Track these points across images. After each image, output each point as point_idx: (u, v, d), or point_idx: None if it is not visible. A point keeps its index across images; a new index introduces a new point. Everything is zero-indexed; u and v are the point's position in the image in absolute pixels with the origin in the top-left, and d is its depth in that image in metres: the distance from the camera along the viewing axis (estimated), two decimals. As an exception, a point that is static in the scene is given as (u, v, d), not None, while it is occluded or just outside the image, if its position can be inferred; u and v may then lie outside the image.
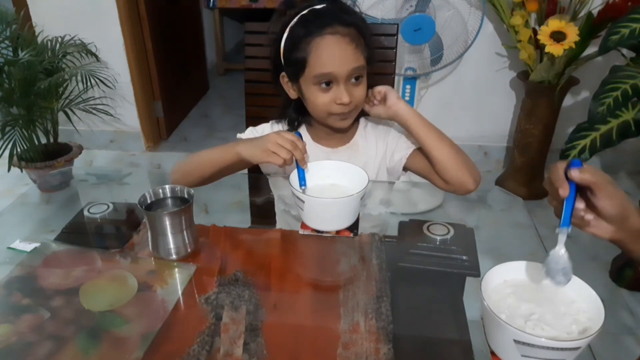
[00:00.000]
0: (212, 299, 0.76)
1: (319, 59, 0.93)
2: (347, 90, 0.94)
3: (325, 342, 0.69)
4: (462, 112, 2.54)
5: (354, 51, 0.93)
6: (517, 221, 1.02)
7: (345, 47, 0.92)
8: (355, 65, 0.93)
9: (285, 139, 0.90)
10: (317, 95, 0.96)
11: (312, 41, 0.92)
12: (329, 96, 0.95)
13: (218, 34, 3.95)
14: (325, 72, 0.93)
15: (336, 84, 0.94)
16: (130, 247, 0.91)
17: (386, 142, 1.07)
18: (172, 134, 3.08)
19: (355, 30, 0.94)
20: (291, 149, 0.89)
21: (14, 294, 0.78)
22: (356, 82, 0.96)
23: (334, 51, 0.92)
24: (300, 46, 0.93)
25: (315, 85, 0.95)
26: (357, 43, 0.93)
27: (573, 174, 0.62)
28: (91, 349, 0.68)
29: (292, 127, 1.08)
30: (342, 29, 0.92)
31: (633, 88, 1.59)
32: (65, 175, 1.39)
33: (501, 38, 2.31)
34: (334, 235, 0.92)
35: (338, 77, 0.93)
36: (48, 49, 2.24)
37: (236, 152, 0.95)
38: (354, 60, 0.93)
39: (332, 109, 0.97)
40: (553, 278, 0.63)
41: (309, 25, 0.93)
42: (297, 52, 0.94)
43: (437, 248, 0.88)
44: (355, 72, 0.94)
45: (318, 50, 0.92)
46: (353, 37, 0.93)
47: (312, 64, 0.93)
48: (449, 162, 0.96)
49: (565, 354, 0.57)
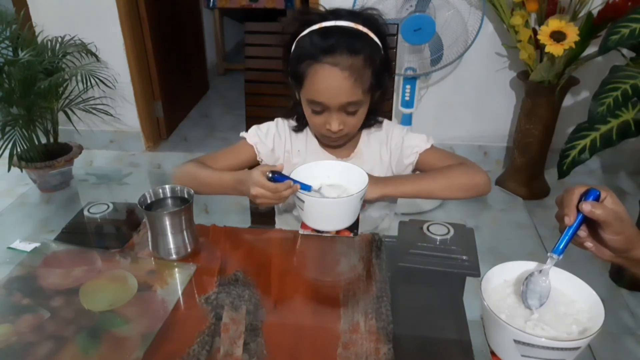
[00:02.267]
0: (212, 299, 0.76)
1: (313, 86, 0.91)
2: (338, 118, 0.93)
3: (325, 342, 0.69)
4: (462, 112, 2.54)
5: (351, 86, 0.88)
6: (517, 221, 1.02)
7: (342, 82, 0.88)
8: (349, 100, 0.90)
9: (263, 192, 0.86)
10: (309, 115, 0.96)
11: (311, 65, 0.89)
12: (321, 119, 0.94)
13: (218, 34, 3.95)
14: (317, 100, 0.91)
15: (328, 111, 0.93)
16: (130, 247, 0.91)
17: (389, 149, 1.05)
18: (172, 134, 3.08)
19: (362, 60, 0.89)
20: (274, 199, 0.86)
21: (14, 294, 0.78)
22: (350, 113, 0.93)
23: (328, 83, 0.89)
24: (301, 64, 0.91)
25: (308, 107, 0.95)
26: (358, 76, 0.88)
27: (584, 207, 0.62)
28: (91, 349, 0.68)
29: (300, 124, 1.06)
30: (346, 59, 0.87)
31: (633, 88, 1.59)
32: (65, 175, 1.39)
33: (501, 38, 2.31)
34: (334, 235, 0.92)
35: (330, 107, 0.91)
36: (48, 49, 2.24)
37: (235, 189, 0.93)
38: (348, 95, 0.89)
39: (323, 131, 0.96)
40: (526, 300, 0.64)
41: (312, 45, 0.90)
42: (298, 68, 0.91)
43: (437, 248, 0.88)
44: (348, 106, 0.91)
45: (313, 77, 0.90)
46: (354, 70, 0.88)
47: (306, 87, 0.92)
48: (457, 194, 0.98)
49: (565, 354, 0.57)
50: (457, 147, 2.57)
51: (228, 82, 3.98)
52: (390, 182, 0.97)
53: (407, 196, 0.99)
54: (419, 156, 1.02)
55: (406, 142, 1.03)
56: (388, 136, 1.05)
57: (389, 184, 0.96)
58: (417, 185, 0.97)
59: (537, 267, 0.67)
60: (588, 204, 0.62)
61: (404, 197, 1.00)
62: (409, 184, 0.98)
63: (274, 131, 1.05)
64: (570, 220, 0.63)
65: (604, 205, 0.62)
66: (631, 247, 0.64)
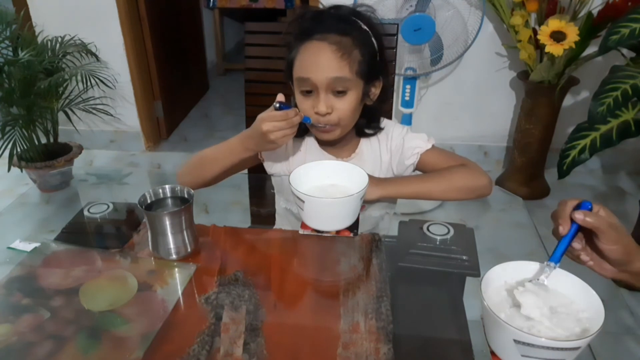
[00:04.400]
0: (212, 299, 0.76)
1: (301, 62, 0.92)
2: (326, 100, 0.92)
3: (325, 342, 0.69)
4: (462, 112, 2.54)
5: (337, 60, 0.89)
6: (517, 221, 1.02)
7: (329, 55, 0.89)
8: (336, 75, 0.89)
9: (275, 124, 0.87)
10: (300, 100, 0.96)
11: (300, 44, 0.92)
12: (309, 103, 0.94)
13: (218, 34, 3.95)
14: (304, 76, 0.91)
15: (316, 92, 0.92)
16: (130, 247, 0.91)
17: (390, 150, 1.05)
18: (172, 134, 3.08)
19: (351, 41, 0.90)
20: (287, 127, 0.88)
21: (14, 294, 0.78)
22: (339, 94, 0.92)
23: (315, 57, 0.90)
24: (292, 46, 0.93)
25: (297, 89, 0.95)
26: (345, 53, 0.89)
27: (577, 216, 0.63)
28: (91, 349, 0.68)
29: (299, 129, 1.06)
30: (334, 36, 0.90)
31: (633, 88, 1.59)
32: (65, 175, 1.39)
33: (501, 38, 2.31)
34: (334, 235, 0.92)
35: (317, 84, 0.91)
36: (48, 49, 2.25)
37: (244, 148, 0.95)
38: (335, 69, 0.89)
39: (312, 119, 0.94)
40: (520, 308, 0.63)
41: (302, 28, 0.93)
42: (289, 53, 0.94)
43: (437, 248, 0.87)
44: (336, 83, 0.90)
45: (301, 54, 0.92)
46: (342, 47, 0.89)
47: (296, 66, 0.93)
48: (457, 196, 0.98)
49: (565, 354, 0.57)
50: (457, 147, 2.57)
51: (228, 82, 3.99)
52: (390, 183, 0.97)
53: (407, 197, 0.99)
54: (420, 157, 1.02)
55: (407, 143, 1.03)
56: (388, 136, 1.05)
57: (389, 185, 0.96)
58: (417, 187, 0.97)
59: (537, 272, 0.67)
60: (581, 212, 0.63)
61: (404, 198, 1.00)
62: (409, 185, 0.98)
63: None
64: (564, 230, 0.64)
65: (596, 214, 0.63)
66: (631, 259, 0.65)
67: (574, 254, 0.67)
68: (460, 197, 0.98)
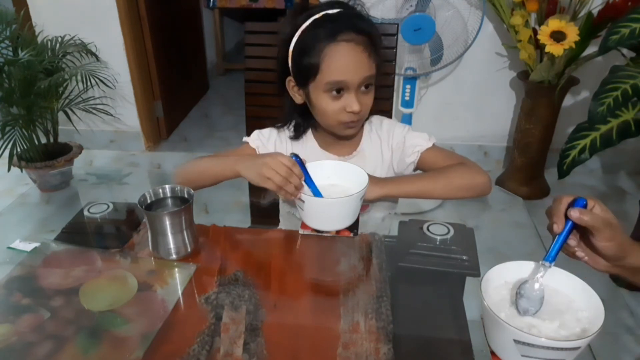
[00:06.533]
0: (212, 299, 0.76)
1: (333, 66, 0.91)
2: (357, 98, 0.93)
3: (325, 342, 0.69)
4: (462, 112, 2.54)
5: (367, 59, 0.92)
6: (517, 221, 1.02)
7: (360, 55, 0.91)
8: (368, 74, 0.93)
9: (279, 164, 0.85)
10: (327, 103, 0.95)
11: (326, 47, 0.90)
12: (340, 104, 0.94)
13: (218, 34, 3.95)
14: (339, 79, 0.92)
15: (347, 91, 0.93)
16: (130, 247, 0.91)
17: (391, 148, 1.06)
18: (172, 133, 3.08)
19: (368, 39, 0.92)
20: (286, 175, 0.85)
21: (14, 294, 0.78)
22: (366, 90, 0.95)
23: (348, 59, 0.91)
24: (313, 52, 0.91)
25: (326, 92, 0.94)
26: (370, 51, 0.92)
27: (572, 213, 0.63)
28: (91, 349, 0.68)
29: (298, 132, 1.06)
30: (356, 36, 0.91)
31: (633, 88, 1.59)
32: (65, 175, 1.39)
33: (501, 38, 2.31)
34: (334, 235, 0.92)
35: (350, 85, 0.92)
36: (48, 48, 2.24)
37: (236, 171, 0.93)
38: (367, 68, 0.92)
39: (341, 117, 0.95)
40: (519, 306, 0.64)
41: (322, 31, 0.91)
42: (309, 58, 0.92)
43: (437, 248, 0.88)
44: (366, 81, 0.93)
45: (332, 58, 0.91)
46: (366, 46, 0.91)
47: (324, 71, 0.92)
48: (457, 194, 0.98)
49: (565, 354, 0.57)
50: (457, 147, 2.57)
51: (228, 82, 3.99)
52: (390, 182, 0.97)
53: (407, 196, 0.99)
54: (420, 155, 1.02)
55: (408, 141, 1.04)
56: (389, 135, 1.06)
57: (389, 184, 0.96)
58: (417, 185, 0.97)
59: (533, 271, 0.67)
60: (576, 210, 0.63)
61: (404, 197, 1.00)
62: (409, 184, 0.98)
63: (275, 136, 1.07)
64: (559, 228, 0.64)
65: (592, 212, 0.63)
66: (625, 255, 0.64)
67: (570, 250, 0.67)
68: (460, 195, 0.98)
